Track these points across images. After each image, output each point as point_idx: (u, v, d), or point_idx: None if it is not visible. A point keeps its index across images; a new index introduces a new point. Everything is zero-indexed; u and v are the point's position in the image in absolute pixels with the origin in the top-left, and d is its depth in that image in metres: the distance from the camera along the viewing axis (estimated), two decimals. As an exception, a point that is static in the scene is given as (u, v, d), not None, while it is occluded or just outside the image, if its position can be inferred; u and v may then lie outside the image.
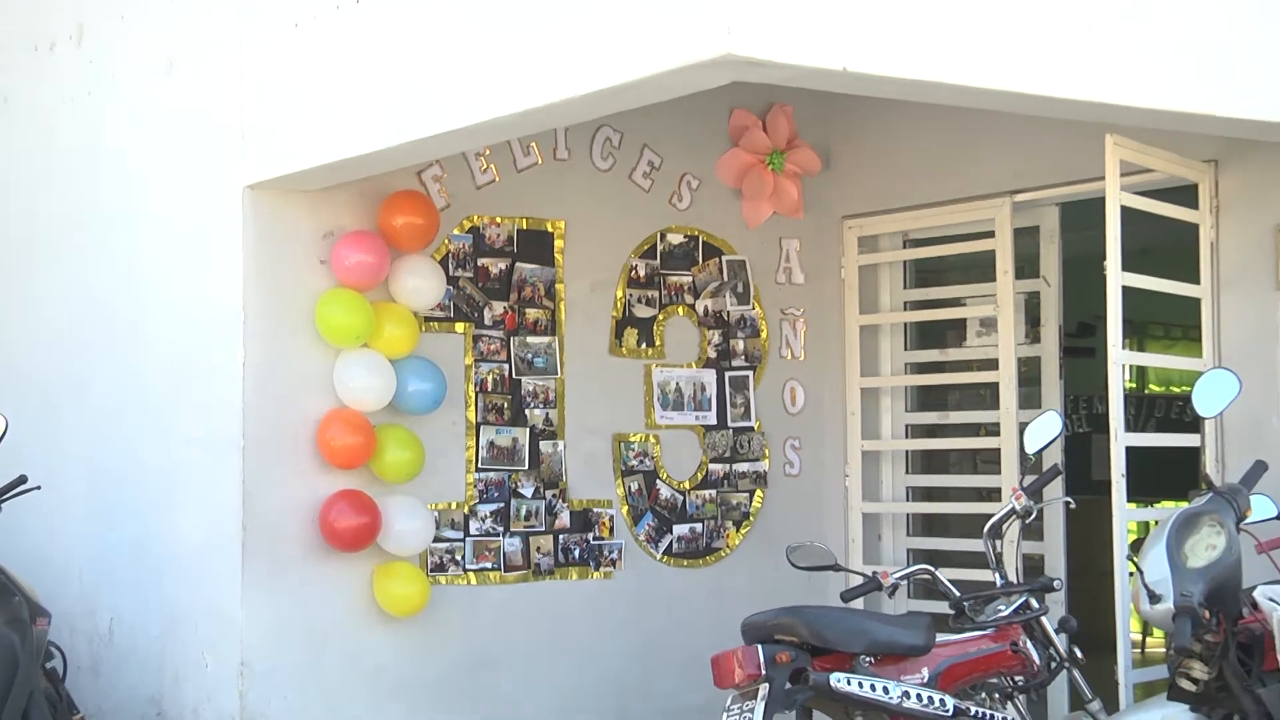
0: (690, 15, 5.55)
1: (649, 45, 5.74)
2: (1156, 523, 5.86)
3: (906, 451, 9.52)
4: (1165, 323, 11.91)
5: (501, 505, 8.34)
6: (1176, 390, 13.90)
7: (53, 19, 9.03)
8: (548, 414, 8.51)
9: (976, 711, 6.31)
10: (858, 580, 6.87)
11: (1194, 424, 6.97)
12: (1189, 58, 6.51)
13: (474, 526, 8.26)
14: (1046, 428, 6.86)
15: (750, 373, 9.21)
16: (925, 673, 6.27)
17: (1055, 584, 7.00)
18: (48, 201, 9.10)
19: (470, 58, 6.48)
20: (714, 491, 9.04)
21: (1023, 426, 7.30)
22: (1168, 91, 6.46)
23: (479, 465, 8.29)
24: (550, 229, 8.58)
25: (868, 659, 6.19)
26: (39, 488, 7.53)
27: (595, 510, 8.65)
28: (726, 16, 5.45)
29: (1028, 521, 6.91)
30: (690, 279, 9.05)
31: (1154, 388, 13.91)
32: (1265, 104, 6.68)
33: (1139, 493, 7.34)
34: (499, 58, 6.36)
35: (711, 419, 9.05)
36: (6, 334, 9.43)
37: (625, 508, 8.74)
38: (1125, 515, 7.14)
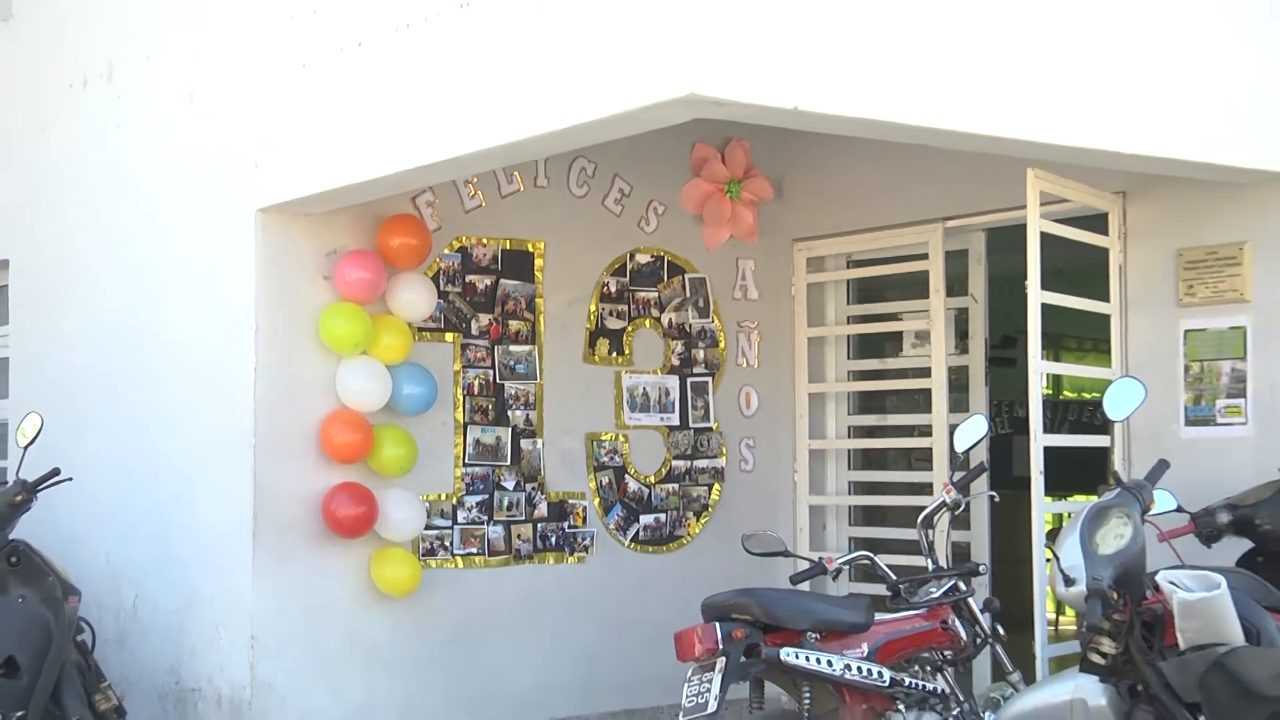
0: (657, 59, 5.56)
1: (620, 85, 5.76)
2: (1070, 515, 5.83)
3: (849, 450, 9.53)
4: (1079, 336, 11.92)
5: (486, 497, 8.33)
6: (1088, 396, 13.95)
7: (86, 58, 8.99)
8: (528, 415, 8.49)
9: (910, 682, 6.33)
10: (805, 565, 6.88)
11: (1104, 427, 6.99)
12: (1101, 101, 6.55)
13: (461, 516, 8.24)
14: (973, 429, 6.88)
15: (710, 379, 9.19)
16: (865, 648, 6.29)
17: (980, 569, 7.04)
18: (80, 222, 9.06)
19: (459, 95, 6.49)
20: (677, 485, 9.04)
21: (952, 428, 7.33)
22: (1082, 130, 6.51)
23: (466, 461, 8.28)
24: (531, 249, 8.56)
25: (814, 635, 6.21)
26: (70, 479, 7.52)
27: (570, 501, 8.64)
28: (690, 61, 5.48)
29: (956, 513, 6.95)
30: (656, 295, 9.03)
31: (1068, 394, 13.94)
32: (1167, 142, 6.72)
33: (1055, 488, 7.34)
34: (485, 95, 6.37)
35: (675, 420, 9.05)
36: (42, 343, 9.38)
37: (597, 499, 8.73)
38: (1043, 508, 7.17)
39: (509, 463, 8.42)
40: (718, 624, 6.06)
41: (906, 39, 6.00)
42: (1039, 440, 7.11)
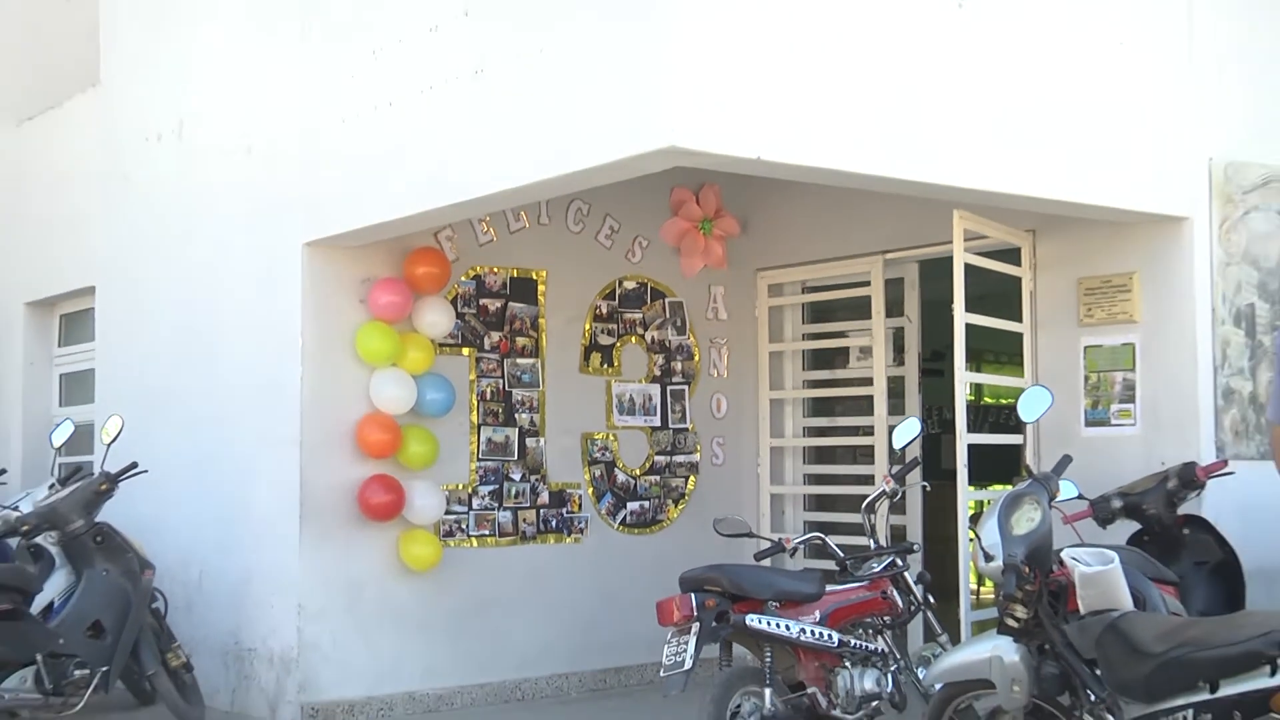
0: (642, 118, 5.58)
1: (611, 140, 5.78)
2: (990, 501, 5.82)
3: (804, 447, 9.51)
4: (996, 351, 11.89)
5: (496, 486, 8.31)
6: (1004, 402, 13.90)
7: (161, 116, 8.97)
8: (532, 417, 8.47)
9: (855, 643, 6.32)
10: (767, 544, 6.86)
11: (1018, 427, 6.96)
12: (1015, 153, 6.56)
13: (476, 503, 8.22)
14: (908, 430, 6.88)
15: (686, 387, 9.17)
16: (817, 614, 6.28)
17: (914, 547, 7.07)
18: (154, 255, 9.03)
19: (474, 146, 6.50)
20: (658, 477, 9.01)
21: (891, 429, 7.31)
22: (999, 178, 6.53)
23: (480, 456, 8.26)
24: (535, 277, 8.54)
25: (774, 604, 6.19)
26: (146, 471, 7.51)
27: (568, 490, 8.61)
28: (669, 119, 5.51)
29: (894, 500, 6.95)
30: (641, 315, 9.02)
31: (988, 400, 13.90)
32: (1070, 189, 6.74)
33: (977, 478, 7.36)
34: (496, 147, 6.38)
35: (656, 422, 9.03)
36: (123, 357, 9.36)
37: (590, 489, 8.71)
38: (966, 496, 7.15)
39: (516, 458, 8.40)
40: (693, 594, 6.03)
41: (852, 100, 6.01)
42: (963, 438, 7.10)
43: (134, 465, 7.42)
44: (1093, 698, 4.89)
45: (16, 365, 10.61)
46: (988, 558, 5.13)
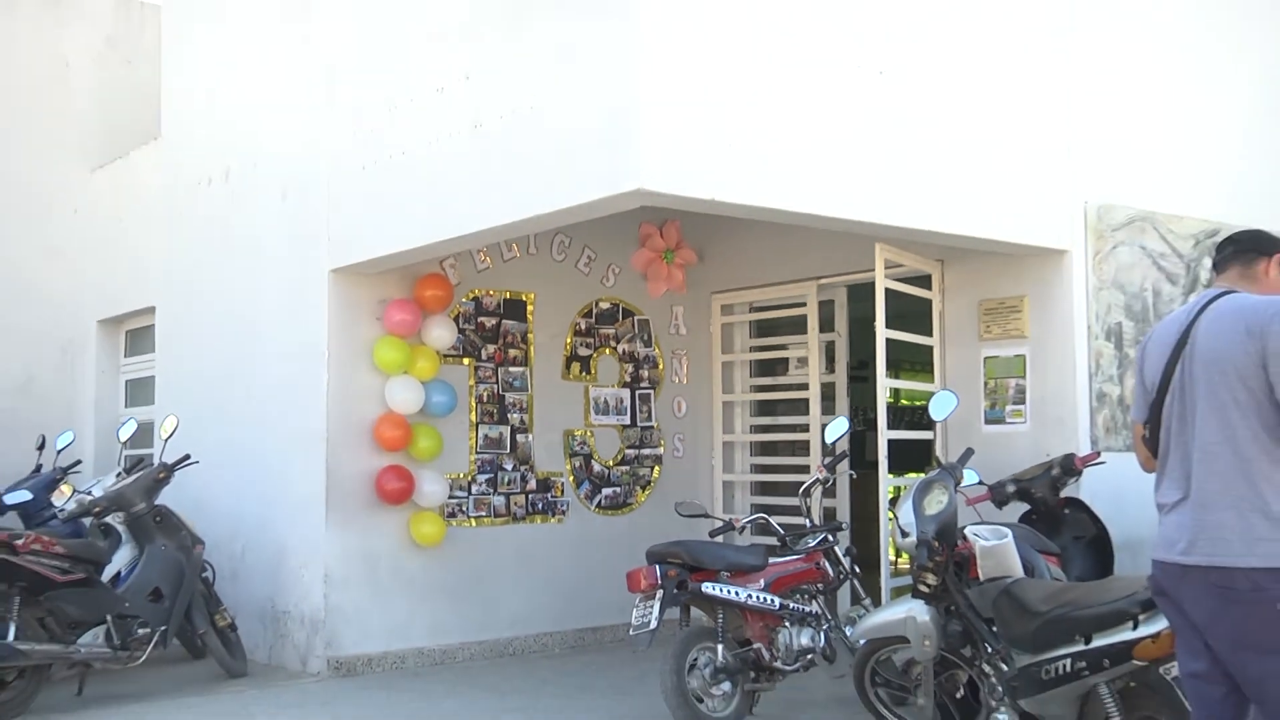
0: (615, 167, 5.58)
1: (588, 184, 5.77)
2: (906, 487, 5.84)
3: (750, 442, 9.50)
4: (912, 360, 11.91)
5: (492, 475, 8.26)
6: (918, 403, 13.91)
7: (210, 164, 8.93)
8: (522, 417, 8.43)
9: (794, 606, 6.31)
10: (719, 524, 6.84)
11: (929, 424, 6.98)
12: (926, 196, 6.54)
13: (474, 489, 8.18)
14: (838, 427, 6.86)
15: (652, 391, 9.15)
16: (762, 582, 6.26)
17: (843, 526, 7.04)
18: (205, 279, 8.98)
19: (473, 190, 6.48)
20: (628, 467, 8.98)
21: (823, 426, 7.31)
22: (913, 216, 6.51)
23: (478, 449, 8.22)
24: (524, 298, 8.51)
25: (726, 574, 6.17)
26: (198, 462, 7.49)
27: (552, 479, 8.57)
28: (638, 168, 5.50)
29: (826, 486, 6.94)
30: (614, 331, 8.99)
31: (905, 401, 13.91)
32: (971, 226, 6.74)
33: (895, 468, 7.36)
34: (491, 190, 6.36)
35: (627, 420, 9.00)
36: (178, 365, 9.30)
37: (571, 477, 8.67)
38: (886, 482, 7.17)
39: (508, 451, 8.36)
40: (657, 566, 6.02)
41: (790, 151, 6.01)
42: (884, 434, 7.11)
43: (187, 457, 7.40)
44: (989, 650, 4.91)
45: (90, 373, 10.56)
46: (904, 534, 5.14)
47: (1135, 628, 4.24)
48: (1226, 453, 3.46)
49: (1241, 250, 3.79)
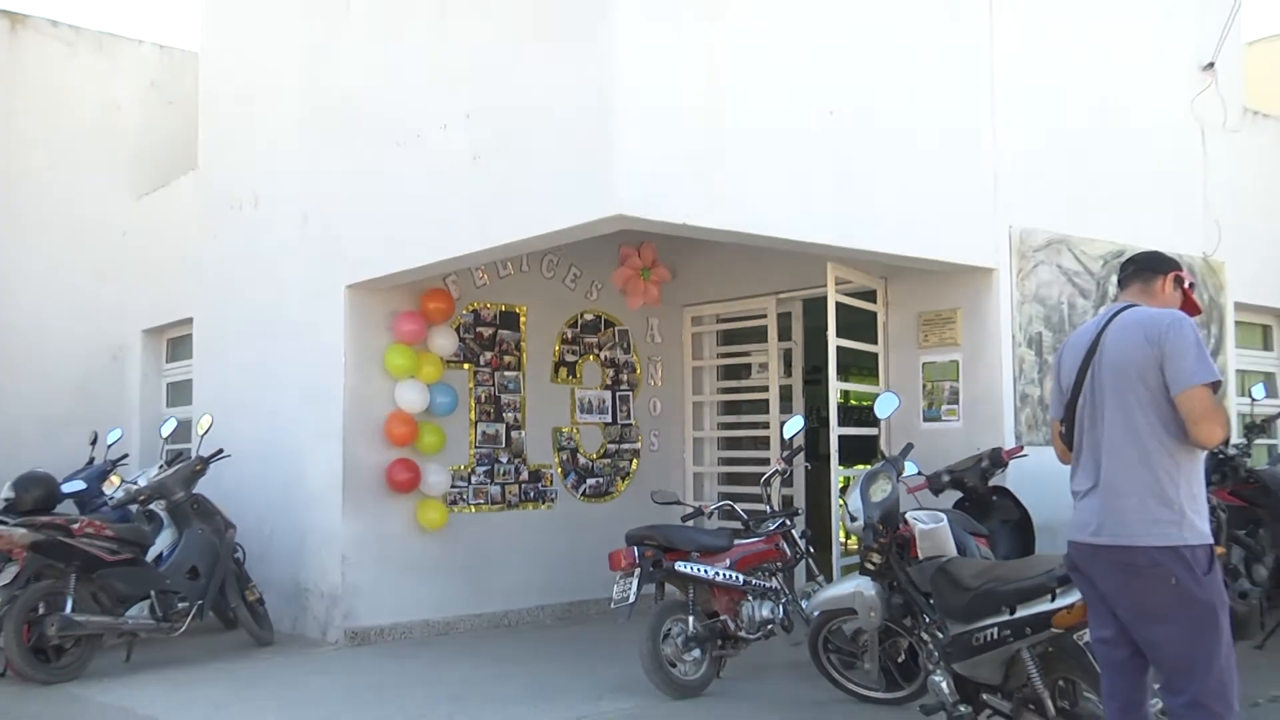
0: (598, 194, 5.57)
1: (574, 210, 5.75)
2: (854, 478, 5.83)
3: (718, 437, 9.48)
4: (859, 366, 11.89)
5: (489, 467, 8.23)
6: (865, 403, 13.88)
7: (241, 191, 8.88)
8: (515, 415, 8.40)
9: (756, 582, 6.30)
10: (690, 510, 6.84)
11: (875, 422, 6.99)
12: (871, 221, 6.55)
13: (473, 479, 8.14)
14: (795, 424, 6.88)
15: (631, 393, 9.13)
16: (728, 561, 6.25)
17: (799, 511, 7.04)
18: (234, 293, 8.92)
19: (472, 216, 6.45)
20: (610, 460, 8.95)
21: (782, 424, 7.31)
22: (852, 238, 6.51)
23: (476, 444, 8.17)
24: (518, 310, 8.48)
25: (696, 554, 6.16)
26: (230, 456, 7.47)
27: (542, 470, 8.54)
28: (618, 195, 5.49)
29: (784, 476, 6.96)
30: (597, 340, 8.97)
31: (853, 402, 13.89)
32: (911, 246, 6.75)
33: (845, 460, 7.35)
34: (489, 216, 6.34)
35: (608, 419, 8.97)
36: (212, 369, 9.23)
37: (559, 469, 8.64)
38: (837, 473, 7.16)
39: (504, 445, 8.31)
40: (635, 547, 6.00)
41: (753, 181, 6.01)
42: (835, 431, 7.11)
43: (220, 451, 7.38)
44: (927, 620, 4.90)
45: (135, 377, 10.49)
46: (853, 519, 5.14)
47: (1053, 600, 4.24)
48: (1130, 445, 3.49)
49: (1141, 269, 3.82)
